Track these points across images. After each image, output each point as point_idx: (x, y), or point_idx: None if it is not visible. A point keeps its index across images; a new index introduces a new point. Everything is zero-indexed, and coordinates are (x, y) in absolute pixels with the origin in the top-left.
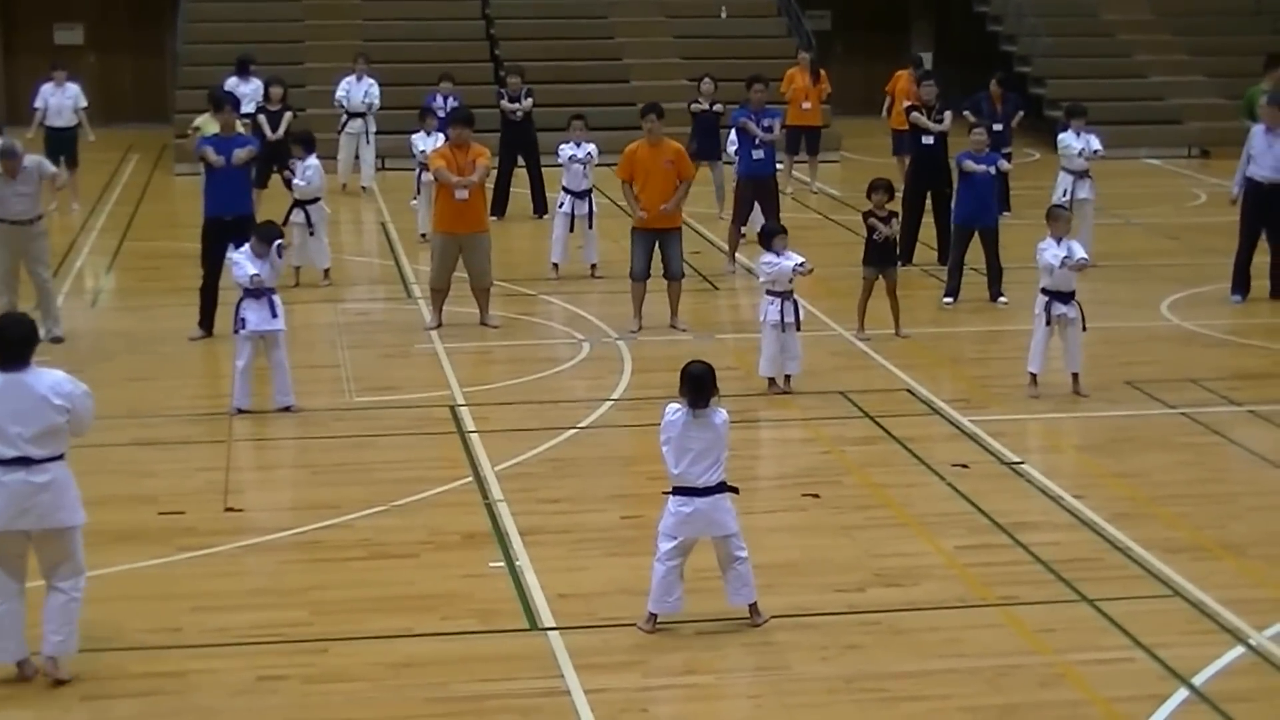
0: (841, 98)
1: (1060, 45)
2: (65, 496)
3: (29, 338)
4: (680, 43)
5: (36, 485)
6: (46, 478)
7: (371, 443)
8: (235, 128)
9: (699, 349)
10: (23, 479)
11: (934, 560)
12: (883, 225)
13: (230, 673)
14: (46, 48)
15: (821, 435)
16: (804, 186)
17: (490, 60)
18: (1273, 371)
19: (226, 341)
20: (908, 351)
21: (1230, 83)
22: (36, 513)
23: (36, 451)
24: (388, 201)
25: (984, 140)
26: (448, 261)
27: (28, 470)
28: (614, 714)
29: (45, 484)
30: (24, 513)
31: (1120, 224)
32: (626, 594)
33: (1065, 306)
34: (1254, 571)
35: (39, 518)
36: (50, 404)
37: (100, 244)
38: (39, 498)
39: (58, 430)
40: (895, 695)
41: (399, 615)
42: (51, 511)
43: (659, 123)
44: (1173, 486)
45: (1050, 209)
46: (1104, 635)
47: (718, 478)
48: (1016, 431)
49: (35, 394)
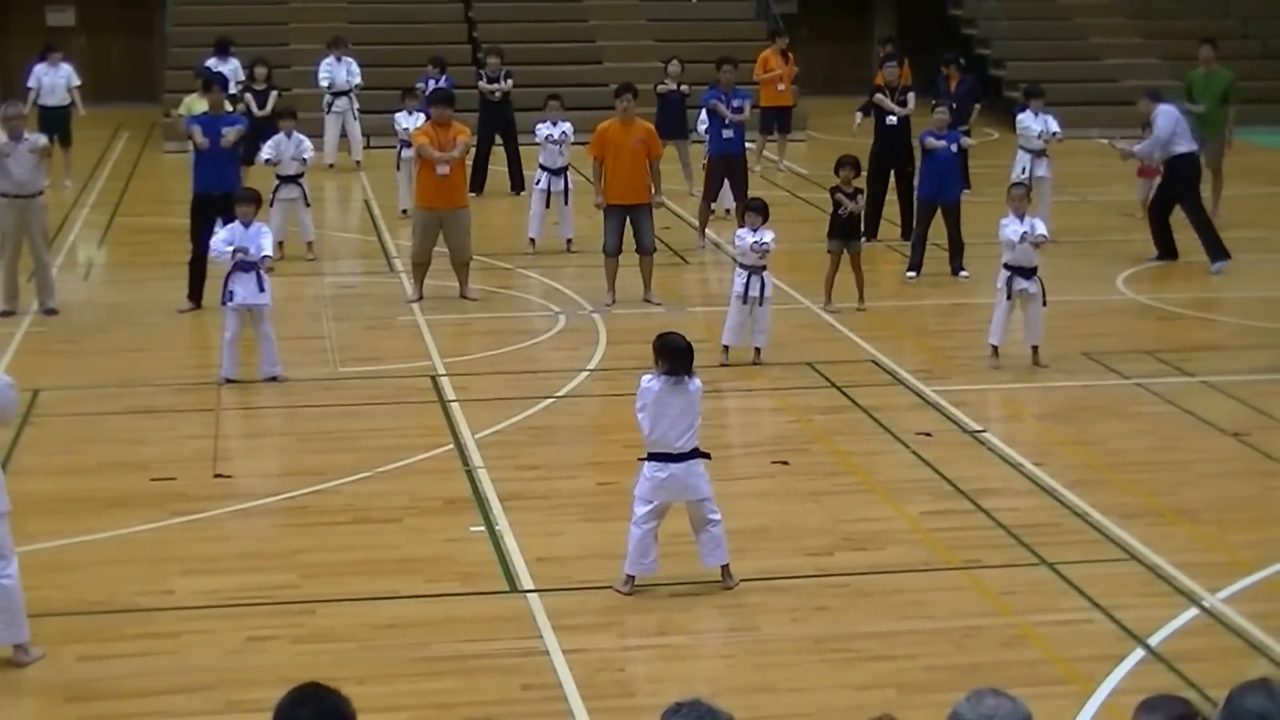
0: (807, 78)
1: (1018, 29)
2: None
3: None
4: (653, 25)
5: None
6: None
7: (356, 411)
8: (223, 107)
9: (671, 321)
10: None
11: (899, 525)
12: (848, 200)
13: (222, 633)
14: (39, 29)
15: (790, 405)
16: (772, 164)
17: (469, 42)
18: (1224, 343)
19: (215, 313)
20: (873, 324)
21: (1181, 65)
22: None
23: None
24: (370, 178)
25: (945, 119)
26: (428, 236)
27: None
28: (591, 673)
29: None
30: None
31: (1077, 201)
32: (602, 557)
33: (1026, 281)
34: (1206, 536)
35: None
36: None
37: (92, 219)
38: None
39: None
40: (863, 655)
41: (384, 578)
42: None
43: (633, 102)
44: (1128, 454)
45: (1010, 187)
46: (1063, 597)
47: (692, 444)
48: (978, 401)
49: None
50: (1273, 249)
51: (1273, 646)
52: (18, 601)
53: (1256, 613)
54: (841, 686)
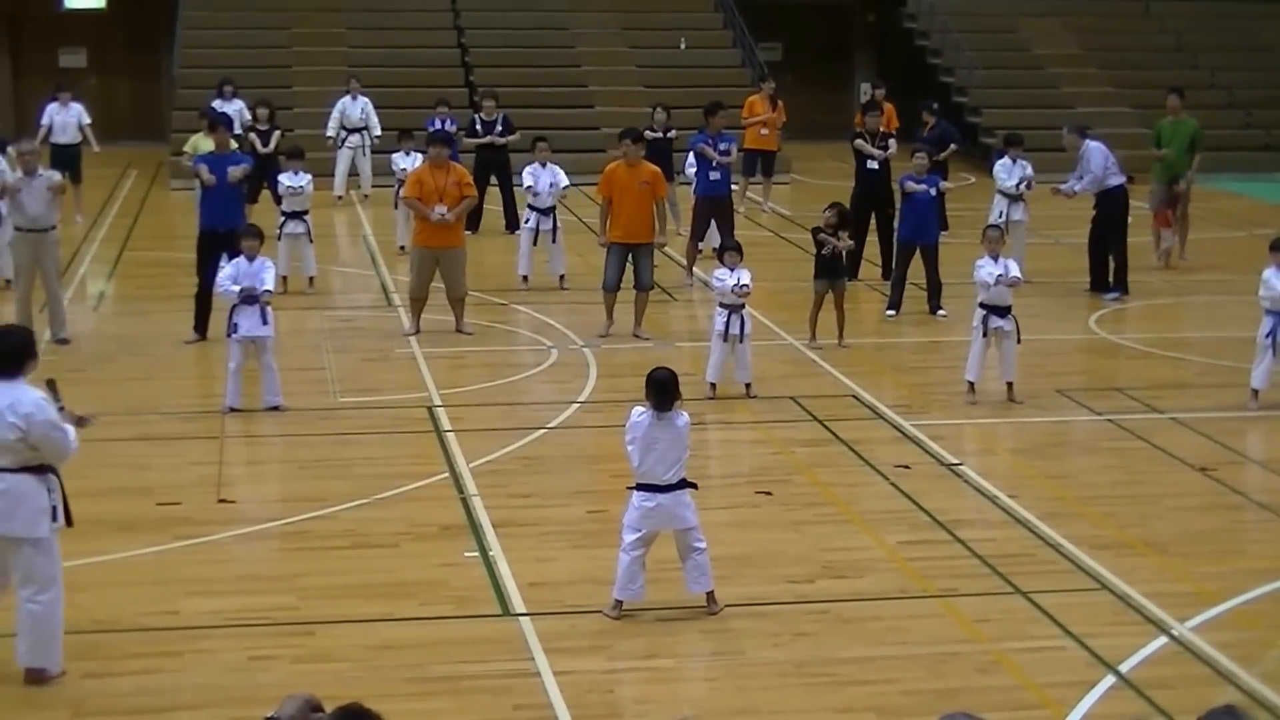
0: (791, 123)
1: (994, 77)
2: (20, 508)
3: (18, 350)
4: (642, 71)
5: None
6: (3, 486)
7: (354, 440)
8: (229, 146)
9: (659, 356)
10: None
11: (878, 554)
12: (831, 239)
13: (223, 653)
14: (51, 70)
15: (773, 437)
16: (756, 206)
17: (465, 86)
18: (1192, 382)
19: (219, 345)
20: (854, 360)
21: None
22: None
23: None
24: (370, 215)
25: (925, 164)
26: (425, 273)
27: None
28: (581, 694)
29: (2, 491)
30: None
31: (1050, 244)
32: (592, 583)
33: (1001, 320)
34: (1175, 567)
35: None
36: (3, 419)
37: (102, 254)
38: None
39: (11, 446)
40: (842, 679)
41: (380, 601)
42: (3, 520)
43: (635, 147)
44: (1100, 488)
45: (985, 229)
46: (1036, 625)
47: (679, 475)
48: (954, 435)
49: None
50: (1238, 291)
51: (1239, 674)
52: (50, 630)
53: (1223, 641)
54: (821, 709)
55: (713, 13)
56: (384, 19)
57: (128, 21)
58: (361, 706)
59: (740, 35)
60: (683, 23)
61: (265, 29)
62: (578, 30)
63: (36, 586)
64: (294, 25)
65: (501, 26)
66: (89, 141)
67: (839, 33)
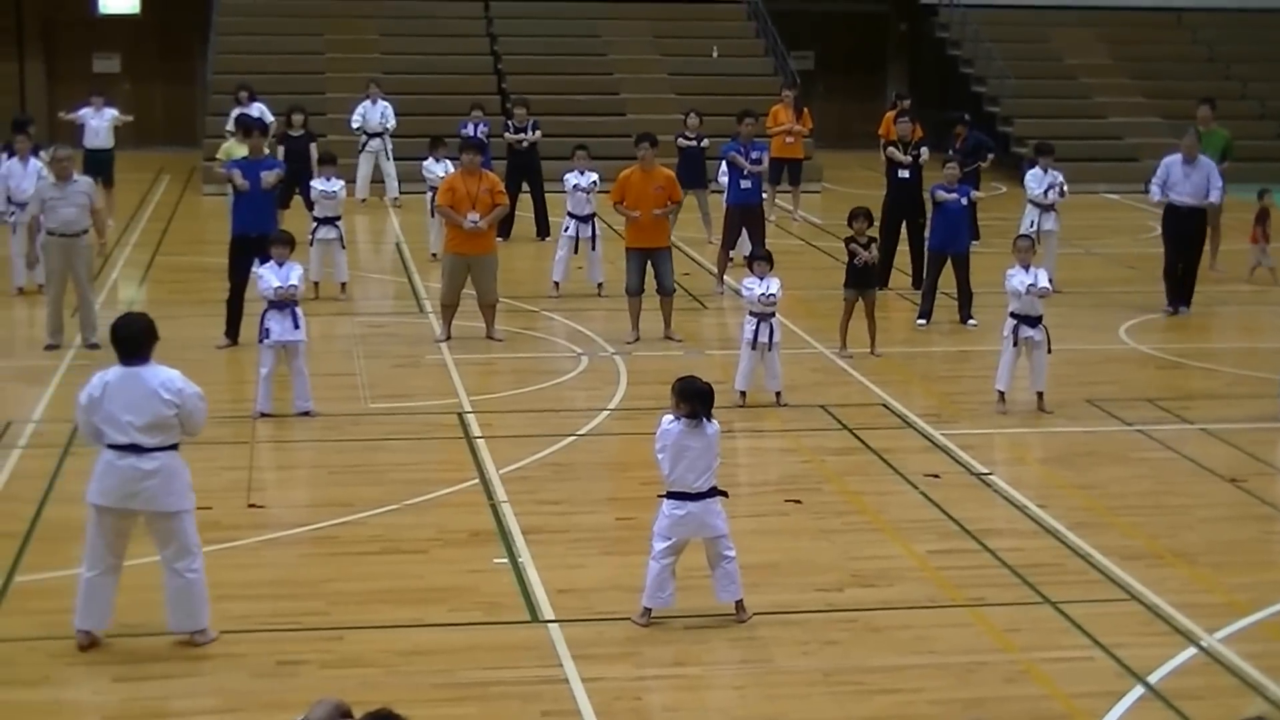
0: (822, 132)
1: (1026, 87)
2: (173, 483)
3: (143, 335)
4: (674, 79)
5: (145, 471)
6: (155, 465)
7: (384, 446)
8: (263, 151)
9: (689, 364)
10: (132, 464)
11: (907, 563)
12: (863, 250)
13: (253, 657)
14: (86, 76)
15: (803, 446)
16: (786, 214)
17: (498, 93)
18: (1221, 392)
19: (250, 350)
20: (884, 369)
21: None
22: (144, 496)
23: (146, 440)
24: (401, 221)
25: (956, 173)
26: (457, 280)
27: (138, 456)
28: (609, 701)
29: (153, 470)
30: (133, 495)
31: (1081, 254)
32: (620, 590)
33: (1032, 330)
34: (1204, 578)
35: (146, 501)
36: (160, 398)
37: (134, 258)
38: (146, 483)
39: (167, 423)
40: (870, 688)
41: (409, 606)
42: (158, 496)
43: (651, 150)
44: (1129, 498)
45: (1016, 239)
46: (1065, 635)
47: (709, 483)
48: (984, 444)
49: (148, 388)
50: (1270, 301)
51: (1268, 685)
52: (201, 595)
53: (1252, 653)
54: (849, 718)
55: (745, 21)
56: (416, 26)
57: (162, 27)
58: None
59: (772, 44)
60: (715, 31)
61: (298, 35)
62: (610, 38)
63: (191, 557)
64: (327, 32)
65: (534, 34)
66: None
67: (871, 42)
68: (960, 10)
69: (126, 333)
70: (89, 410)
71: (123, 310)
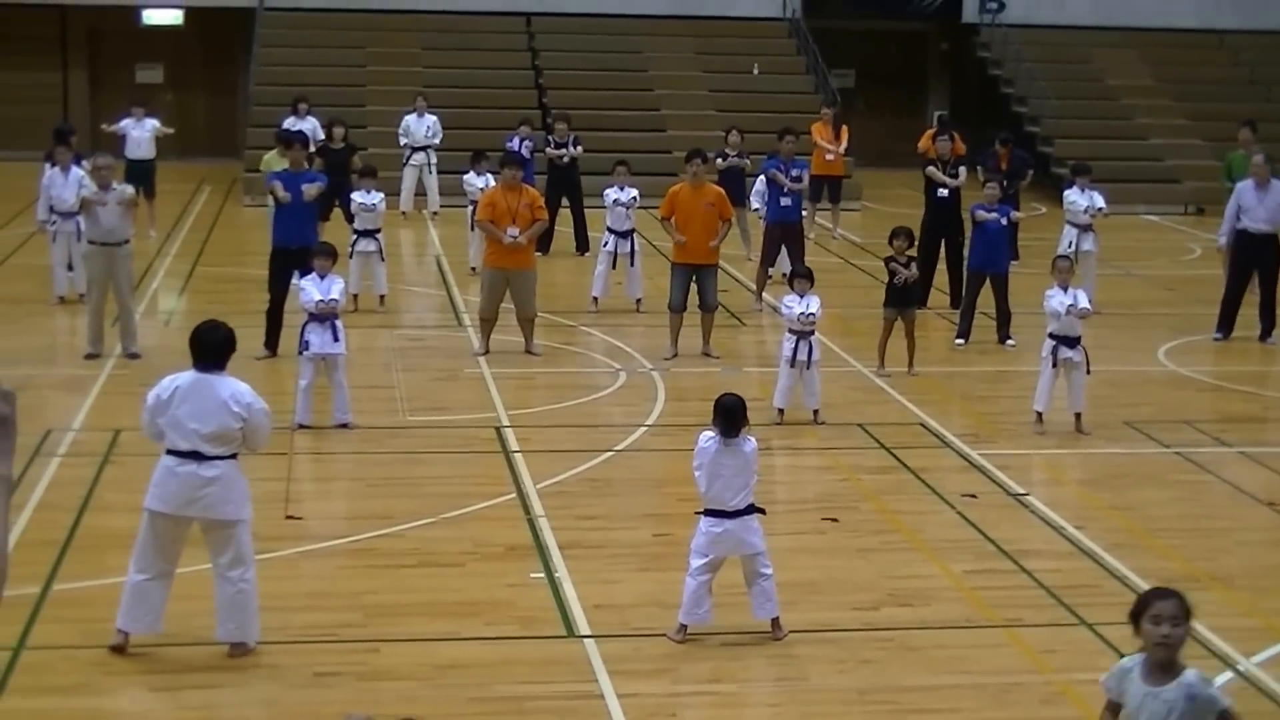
0: (863, 150)
1: (1067, 108)
2: (231, 492)
3: (223, 344)
4: (715, 96)
5: (205, 478)
6: (215, 472)
7: (422, 459)
8: (304, 164)
9: (727, 381)
10: (193, 471)
11: (944, 583)
12: (903, 269)
13: (289, 668)
14: (129, 86)
15: (840, 464)
16: (826, 232)
17: (539, 108)
18: (1260, 415)
19: (289, 361)
20: (922, 388)
21: (1224, 146)
22: (203, 503)
23: (209, 449)
24: (441, 234)
25: (996, 193)
26: (495, 294)
27: (199, 464)
28: (644, 717)
29: (213, 478)
30: (192, 502)
31: (1121, 275)
32: (657, 606)
33: (1070, 351)
34: (1242, 601)
35: (205, 508)
36: (229, 410)
37: (174, 268)
38: (206, 490)
39: (231, 435)
40: (906, 708)
41: (445, 620)
42: (217, 504)
43: (703, 167)
44: (1166, 520)
45: (1055, 259)
46: (1102, 657)
47: (747, 500)
48: (1022, 465)
49: (218, 398)
50: None
51: None
52: (252, 606)
53: None
54: None
55: (786, 39)
56: (459, 40)
57: (205, 37)
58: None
59: (813, 62)
60: (756, 49)
61: (341, 48)
62: (651, 54)
63: (245, 566)
64: (369, 45)
65: (575, 49)
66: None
67: (912, 61)
68: (1002, 30)
69: (210, 339)
70: (155, 411)
71: (163, 320)
